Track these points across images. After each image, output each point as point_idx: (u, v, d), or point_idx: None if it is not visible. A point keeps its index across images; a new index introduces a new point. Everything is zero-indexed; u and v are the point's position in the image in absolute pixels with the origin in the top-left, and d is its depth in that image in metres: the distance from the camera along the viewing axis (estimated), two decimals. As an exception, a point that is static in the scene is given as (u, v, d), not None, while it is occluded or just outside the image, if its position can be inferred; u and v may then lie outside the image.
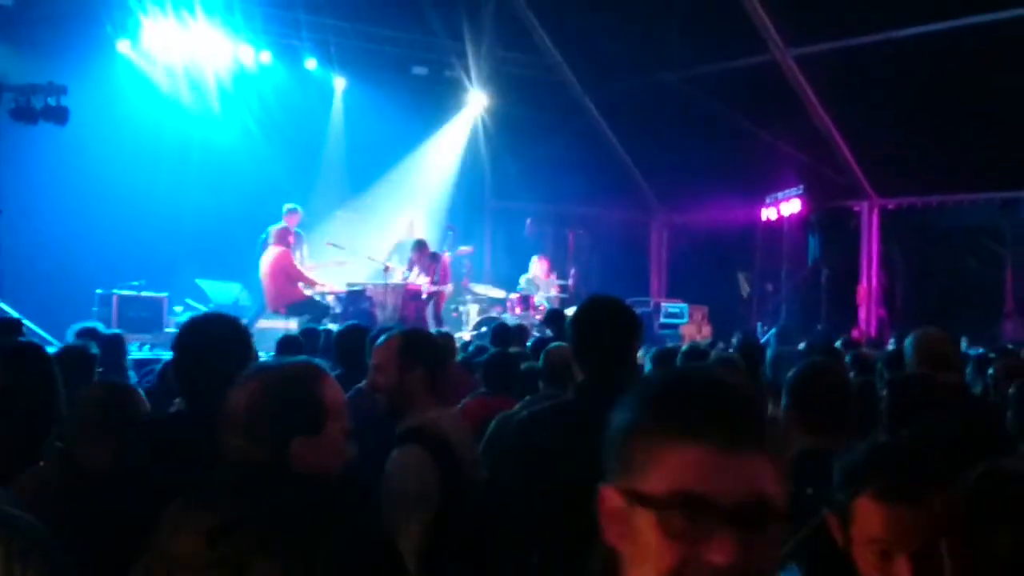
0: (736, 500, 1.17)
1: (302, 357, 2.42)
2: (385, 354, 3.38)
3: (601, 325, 3.18)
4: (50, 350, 7.13)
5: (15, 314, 9.33)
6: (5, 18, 11.60)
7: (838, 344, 8.61)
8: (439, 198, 15.61)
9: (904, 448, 2.12)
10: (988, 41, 12.13)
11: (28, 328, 8.73)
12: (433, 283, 12.68)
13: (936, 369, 4.25)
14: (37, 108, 10.70)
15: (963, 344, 10.13)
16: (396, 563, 2.25)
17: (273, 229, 12.02)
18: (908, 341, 4.57)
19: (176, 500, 2.11)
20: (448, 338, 7.26)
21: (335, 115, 14.90)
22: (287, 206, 12.41)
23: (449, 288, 13.22)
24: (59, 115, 10.76)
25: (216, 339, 2.97)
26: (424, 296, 12.57)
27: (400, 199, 14.64)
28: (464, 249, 14.60)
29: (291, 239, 12.05)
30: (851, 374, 5.10)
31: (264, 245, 12.15)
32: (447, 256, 13.38)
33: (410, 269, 12.78)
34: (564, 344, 5.34)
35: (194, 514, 2.04)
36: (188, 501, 2.09)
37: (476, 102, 16.04)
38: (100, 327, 7.43)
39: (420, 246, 13.01)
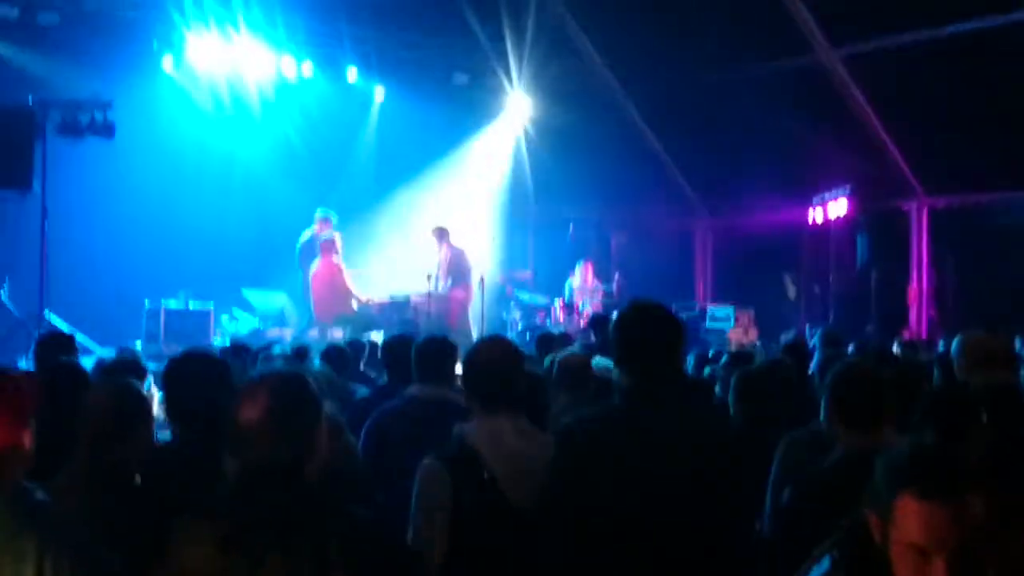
0: None
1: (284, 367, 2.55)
2: None
3: (647, 330, 3.10)
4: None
5: (67, 328, 9.47)
6: (51, 35, 11.79)
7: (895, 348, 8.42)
8: (481, 205, 15.61)
9: (945, 449, 2.13)
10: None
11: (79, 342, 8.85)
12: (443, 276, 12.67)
13: (985, 370, 4.17)
14: (84, 123, 10.85)
15: (1017, 345, 9.88)
16: (406, 557, 2.28)
17: (321, 240, 12.05)
18: (954, 344, 4.52)
19: (184, 513, 2.15)
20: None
21: (377, 124, 14.95)
22: (320, 213, 12.42)
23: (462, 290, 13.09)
24: (105, 130, 10.92)
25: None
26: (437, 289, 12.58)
27: (443, 207, 14.63)
28: (522, 273, 14.58)
29: (339, 247, 12.09)
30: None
31: (301, 253, 12.19)
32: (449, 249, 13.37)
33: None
34: (578, 352, 5.37)
35: (204, 524, 2.09)
36: (196, 512, 2.13)
37: (517, 108, 16.02)
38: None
39: (439, 232, 12.99)
